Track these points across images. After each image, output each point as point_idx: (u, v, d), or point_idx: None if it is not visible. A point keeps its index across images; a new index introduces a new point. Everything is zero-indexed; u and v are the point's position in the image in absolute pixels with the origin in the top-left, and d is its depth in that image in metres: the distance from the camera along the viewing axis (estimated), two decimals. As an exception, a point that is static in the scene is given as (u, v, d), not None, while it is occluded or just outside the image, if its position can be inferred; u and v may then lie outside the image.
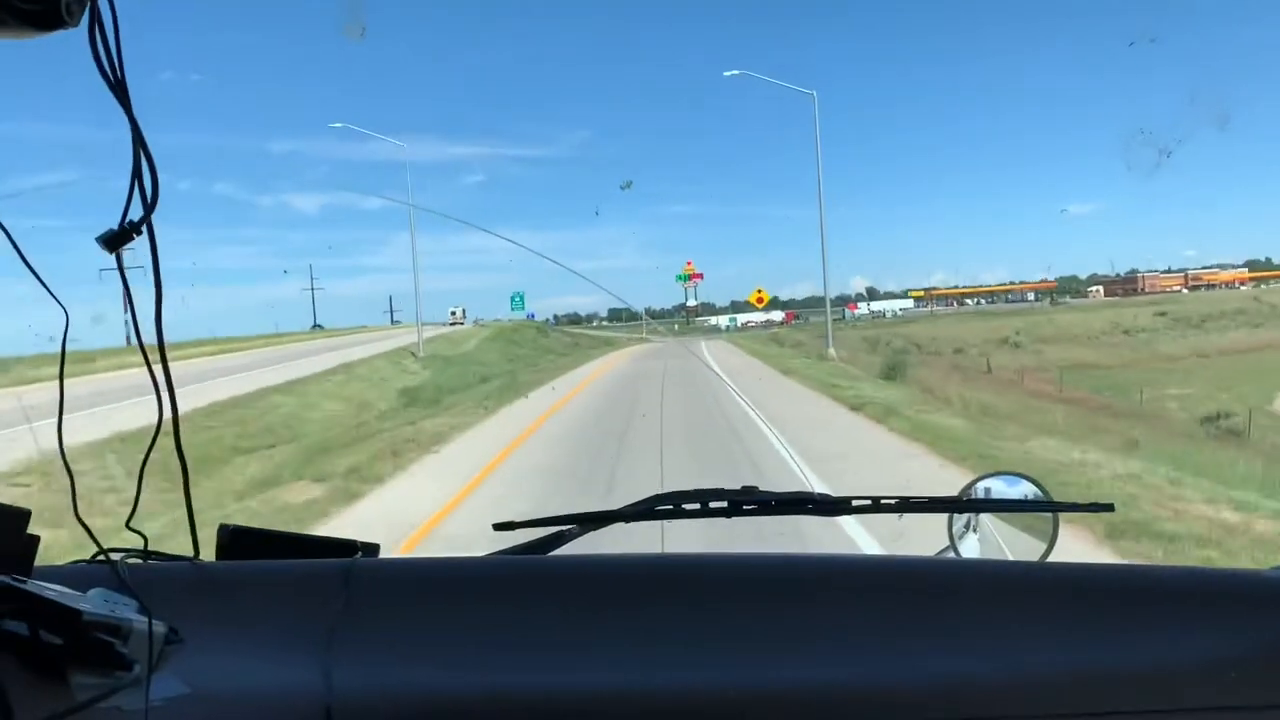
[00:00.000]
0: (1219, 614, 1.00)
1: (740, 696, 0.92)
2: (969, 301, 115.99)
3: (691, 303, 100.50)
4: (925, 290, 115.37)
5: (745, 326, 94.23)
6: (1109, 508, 1.37)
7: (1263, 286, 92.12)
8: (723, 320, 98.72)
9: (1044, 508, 1.50)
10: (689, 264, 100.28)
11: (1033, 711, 0.93)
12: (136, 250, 0.78)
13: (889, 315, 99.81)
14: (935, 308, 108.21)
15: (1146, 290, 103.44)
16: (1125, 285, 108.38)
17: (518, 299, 62.98)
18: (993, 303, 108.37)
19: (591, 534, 1.35)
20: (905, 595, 1.07)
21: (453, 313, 66.19)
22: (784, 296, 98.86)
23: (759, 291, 40.02)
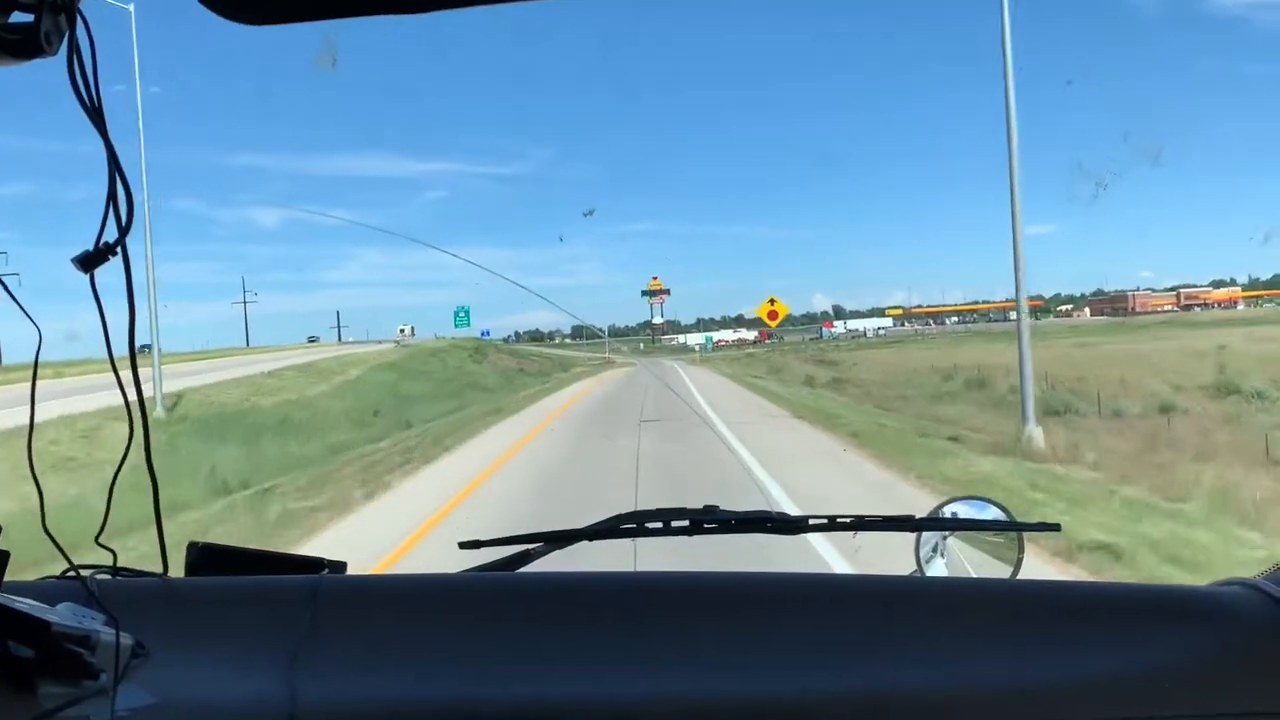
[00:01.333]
0: (1160, 628, 1.03)
1: (698, 708, 0.95)
2: (947, 320, 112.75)
3: (657, 320, 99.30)
4: (902, 309, 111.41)
5: (718, 346, 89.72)
6: (1055, 527, 1.48)
7: (1262, 305, 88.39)
8: (694, 339, 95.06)
9: (993, 526, 1.54)
10: (655, 279, 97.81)
11: None
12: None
13: (870, 334, 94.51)
14: (918, 327, 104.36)
15: (1137, 310, 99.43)
16: (1114, 304, 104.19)
17: (462, 314, 55.36)
18: (975, 321, 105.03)
19: (564, 554, 1.38)
20: (859, 610, 1.10)
21: (401, 330, 64.01)
22: (749, 315, 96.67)
23: (772, 303, 30.49)
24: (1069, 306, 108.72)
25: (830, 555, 6.22)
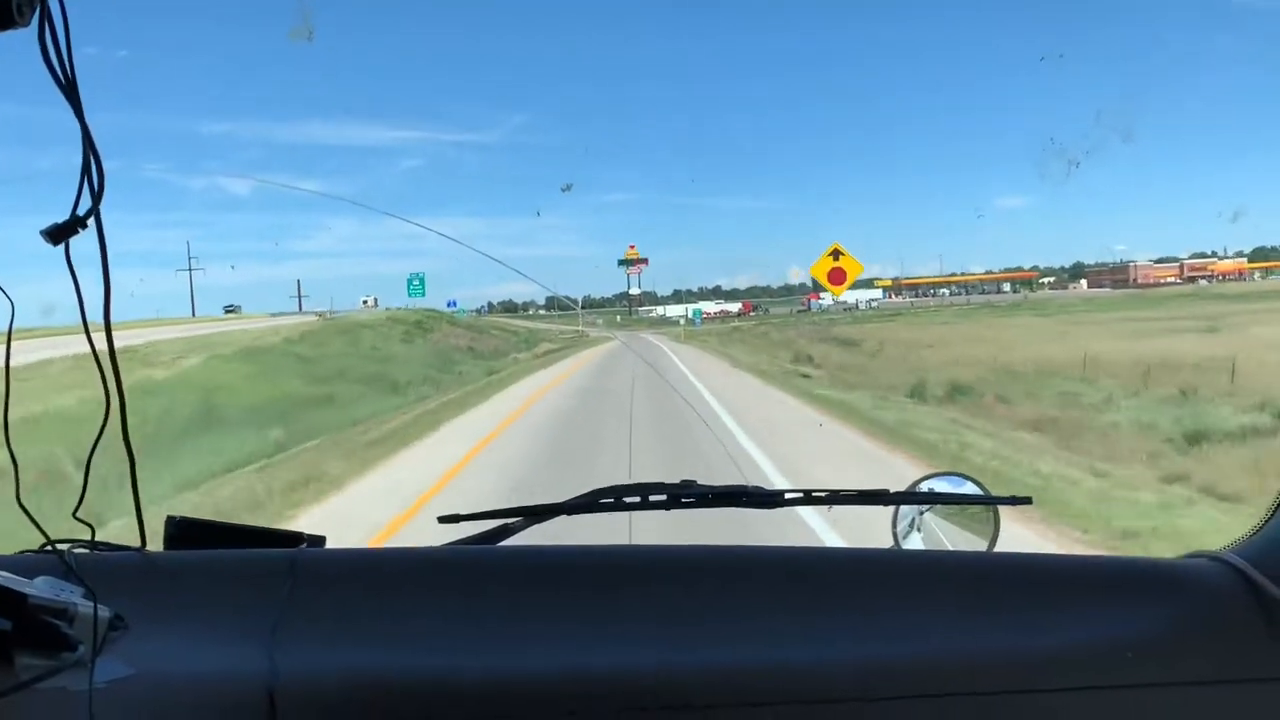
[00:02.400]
0: (1129, 600, 1.05)
1: (676, 679, 0.96)
2: (939, 292, 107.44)
3: (634, 291, 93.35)
4: (894, 280, 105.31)
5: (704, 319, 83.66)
6: (1027, 500, 1.48)
7: (1273, 276, 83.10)
8: (674, 310, 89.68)
9: (966, 500, 1.54)
10: (632, 248, 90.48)
11: (945, 689, 0.97)
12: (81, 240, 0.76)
13: (863, 307, 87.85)
14: (911, 299, 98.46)
15: (1139, 281, 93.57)
16: (1115, 276, 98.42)
17: (416, 283, 47.36)
18: (961, 294, 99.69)
19: (550, 527, 1.36)
20: (837, 583, 1.12)
21: (364, 301, 59.64)
22: (726, 287, 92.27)
23: (835, 256, 18.47)
24: (1048, 280, 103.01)
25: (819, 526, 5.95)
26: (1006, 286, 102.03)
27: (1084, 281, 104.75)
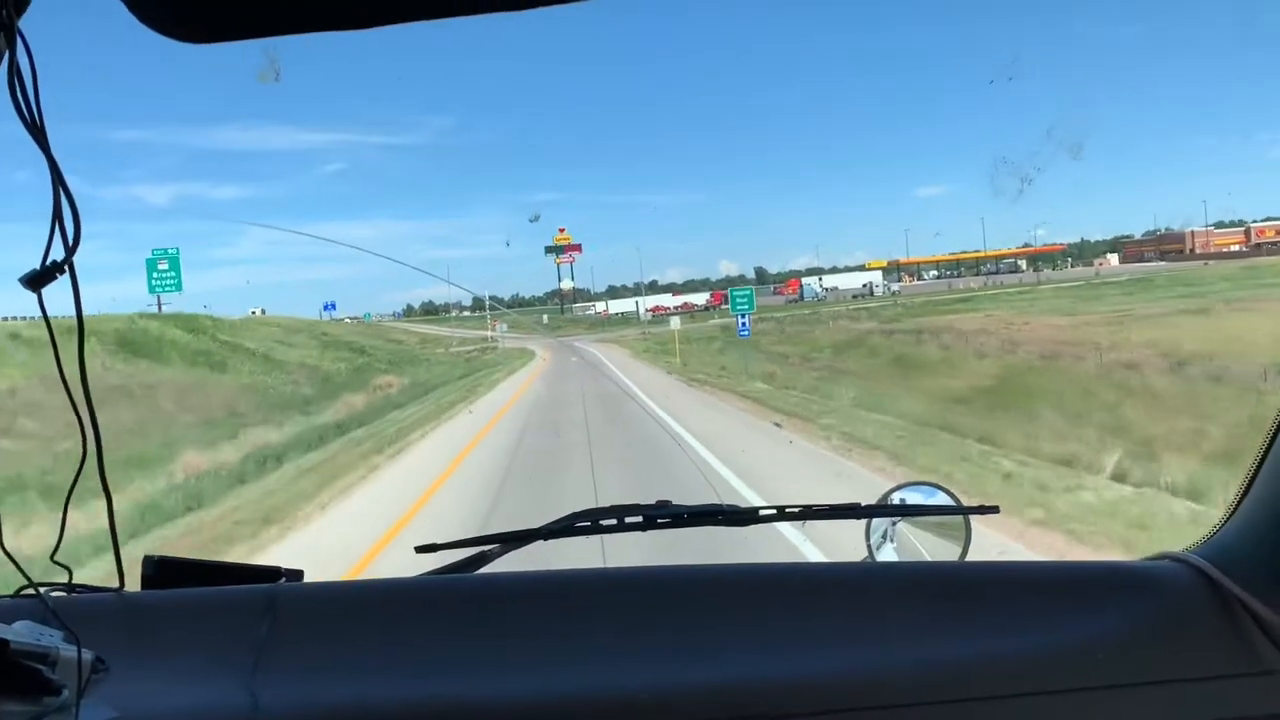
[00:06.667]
0: (1097, 603, 1.05)
1: (656, 700, 0.95)
2: (931, 273, 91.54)
3: (567, 284, 78.79)
4: (894, 261, 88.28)
5: (656, 315, 66.96)
6: (995, 509, 1.45)
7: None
8: (617, 306, 74.46)
9: (936, 511, 1.52)
10: (562, 231, 74.76)
11: (921, 698, 0.97)
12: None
13: (879, 291, 70.00)
14: (919, 281, 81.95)
15: (1197, 250, 76.78)
16: (1163, 245, 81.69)
17: (162, 271, 27.87)
18: (958, 274, 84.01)
19: (529, 552, 1.35)
20: (813, 598, 1.11)
21: (252, 312, 54.96)
22: (663, 281, 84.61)
23: None
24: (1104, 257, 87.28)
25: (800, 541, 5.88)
26: (1021, 263, 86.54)
27: (1112, 257, 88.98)
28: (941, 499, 1.53)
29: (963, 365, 18.00)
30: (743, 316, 27.29)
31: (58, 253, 0.78)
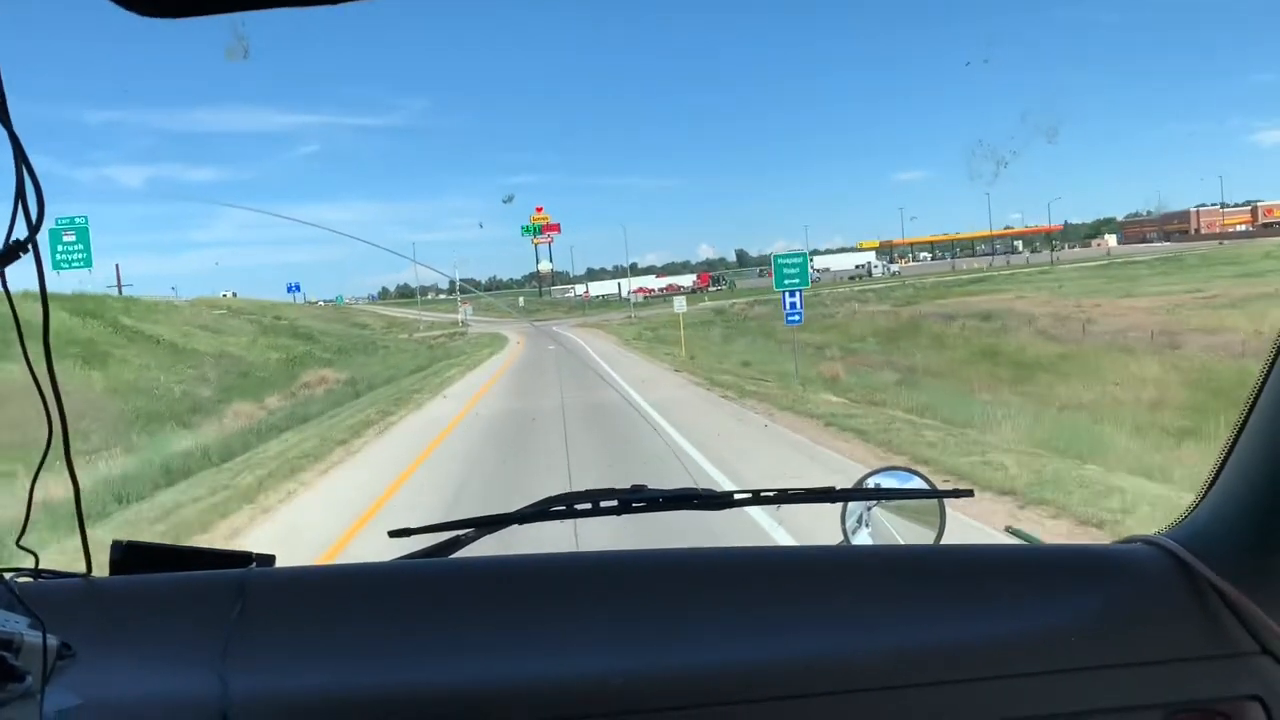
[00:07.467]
0: (1071, 586, 1.06)
1: (630, 684, 0.96)
2: (923, 255, 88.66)
3: (545, 266, 76.06)
4: (891, 242, 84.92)
5: (646, 297, 63.46)
6: (969, 493, 1.47)
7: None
8: (598, 288, 71.50)
9: (911, 495, 1.52)
10: (539, 210, 71.55)
11: (898, 681, 0.98)
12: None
13: (878, 272, 66.26)
14: (917, 262, 78.75)
15: (1203, 230, 73.60)
16: (1167, 225, 78.50)
17: (69, 245, 23.45)
18: (954, 255, 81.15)
19: (503, 536, 1.34)
20: (787, 582, 1.11)
21: (224, 295, 54.15)
22: (643, 264, 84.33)
23: None
24: (1103, 238, 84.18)
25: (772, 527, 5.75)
26: (1018, 244, 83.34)
27: (1109, 238, 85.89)
28: (916, 483, 1.54)
29: (1113, 367, 13.24)
30: (792, 294, 19.39)
31: (21, 232, 0.76)
